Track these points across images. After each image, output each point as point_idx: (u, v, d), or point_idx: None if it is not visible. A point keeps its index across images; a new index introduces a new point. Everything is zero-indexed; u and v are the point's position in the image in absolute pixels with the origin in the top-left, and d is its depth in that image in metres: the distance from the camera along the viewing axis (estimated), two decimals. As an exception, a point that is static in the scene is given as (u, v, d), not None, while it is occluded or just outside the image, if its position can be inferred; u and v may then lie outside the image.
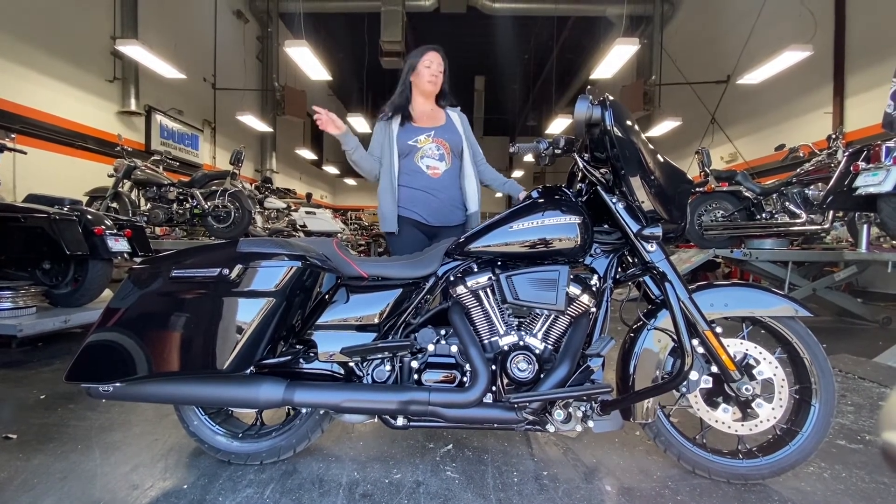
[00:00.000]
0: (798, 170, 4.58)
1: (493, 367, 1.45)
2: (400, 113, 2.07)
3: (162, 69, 7.49)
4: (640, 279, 1.54)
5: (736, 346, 1.47)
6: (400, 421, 1.45)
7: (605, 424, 1.42)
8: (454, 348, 1.50)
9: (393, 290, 1.53)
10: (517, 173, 20.50)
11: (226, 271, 1.29)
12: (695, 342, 1.41)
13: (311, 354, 1.49)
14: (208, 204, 5.55)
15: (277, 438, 1.53)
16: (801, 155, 4.83)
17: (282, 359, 1.42)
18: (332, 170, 19.02)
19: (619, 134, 1.35)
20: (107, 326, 1.32)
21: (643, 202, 1.41)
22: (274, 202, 9.73)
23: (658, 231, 1.43)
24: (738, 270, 6.14)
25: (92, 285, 3.30)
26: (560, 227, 1.44)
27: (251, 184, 9.86)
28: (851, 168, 2.64)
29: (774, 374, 1.44)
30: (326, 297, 1.51)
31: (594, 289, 1.48)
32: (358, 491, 1.41)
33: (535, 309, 1.47)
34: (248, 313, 1.29)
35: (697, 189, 4.84)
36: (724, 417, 1.45)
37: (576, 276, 1.50)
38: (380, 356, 1.47)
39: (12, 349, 2.87)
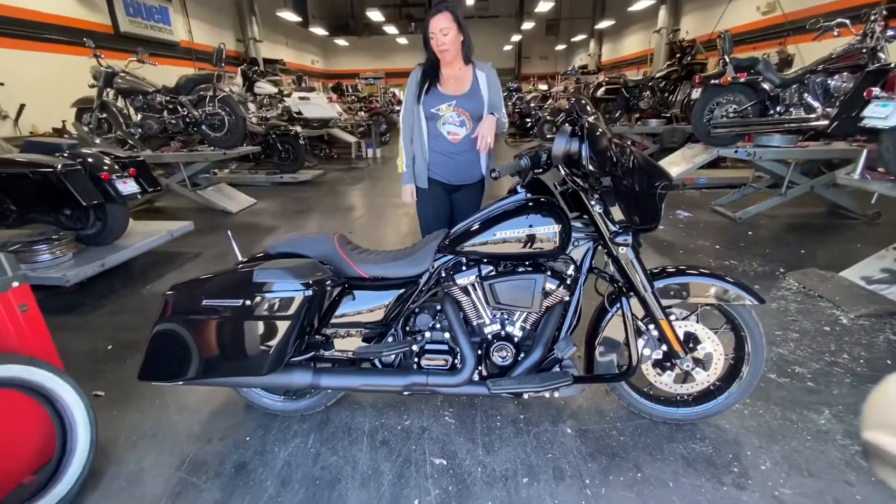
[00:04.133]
0: (829, 53, 4.21)
1: (479, 351, 1.75)
2: (429, 78, 2.20)
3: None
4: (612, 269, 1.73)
5: (686, 327, 1.73)
6: (405, 392, 1.81)
7: (569, 391, 1.77)
8: (447, 335, 1.78)
9: (393, 290, 1.75)
10: (527, 25, 18.40)
11: (248, 302, 1.51)
12: (650, 327, 1.69)
13: (330, 343, 1.80)
14: (199, 111, 5.39)
15: (312, 400, 1.94)
16: (836, 34, 4.35)
17: (306, 355, 1.73)
18: (319, 31, 17.12)
19: (593, 168, 1.40)
20: (157, 343, 1.60)
21: (617, 217, 1.52)
22: (264, 87, 9.18)
23: (629, 239, 1.57)
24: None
25: (115, 224, 3.53)
26: (542, 235, 1.58)
27: (237, 69, 9.16)
28: (865, 94, 2.50)
29: (714, 350, 1.73)
30: (336, 297, 1.75)
31: (569, 280, 1.68)
32: (378, 438, 1.86)
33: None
34: (273, 332, 1.55)
35: (712, 81, 4.53)
36: (667, 381, 1.80)
37: (552, 269, 1.68)
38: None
39: (63, 291, 3.24)
